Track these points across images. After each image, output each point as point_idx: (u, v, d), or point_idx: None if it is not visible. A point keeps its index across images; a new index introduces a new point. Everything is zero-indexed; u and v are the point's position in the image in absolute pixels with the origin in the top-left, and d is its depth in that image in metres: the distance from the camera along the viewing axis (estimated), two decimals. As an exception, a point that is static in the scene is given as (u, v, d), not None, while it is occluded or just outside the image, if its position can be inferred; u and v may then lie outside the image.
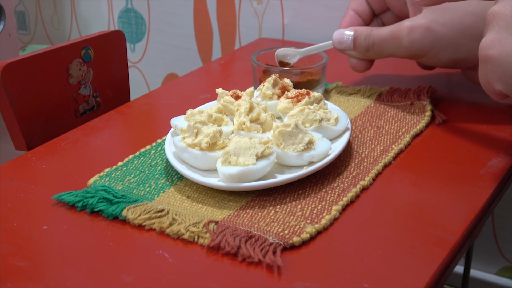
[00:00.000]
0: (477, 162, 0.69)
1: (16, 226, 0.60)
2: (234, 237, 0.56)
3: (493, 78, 0.58)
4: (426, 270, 0.52)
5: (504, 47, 0.56)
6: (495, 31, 0.57)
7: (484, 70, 0.59)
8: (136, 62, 1.55)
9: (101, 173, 0.69)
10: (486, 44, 0.58)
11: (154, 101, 0.93)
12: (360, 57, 0.82)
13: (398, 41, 0.77)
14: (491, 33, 0.58)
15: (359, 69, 0.84)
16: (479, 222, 0.61)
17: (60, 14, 1.65)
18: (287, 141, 0.66)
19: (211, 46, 1.42)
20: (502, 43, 0.56)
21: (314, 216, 0.60)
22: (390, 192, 0.64)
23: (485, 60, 0.58)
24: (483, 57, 0.58)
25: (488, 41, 0.57)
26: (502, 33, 0.57)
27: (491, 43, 0.57)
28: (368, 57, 0.81)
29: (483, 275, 1.26)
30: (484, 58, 0.58)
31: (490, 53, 0.57)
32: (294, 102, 0.74)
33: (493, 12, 0.58)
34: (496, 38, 0.57)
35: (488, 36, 0.58)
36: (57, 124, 0.90)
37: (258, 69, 0.87)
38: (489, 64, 0.58)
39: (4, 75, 0.82)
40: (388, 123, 0.78)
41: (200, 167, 0.66)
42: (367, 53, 0.80)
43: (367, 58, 0.82)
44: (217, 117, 0.71)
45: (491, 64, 0.57)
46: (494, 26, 0.58)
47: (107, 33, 0.98)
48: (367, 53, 0.80)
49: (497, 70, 0.57)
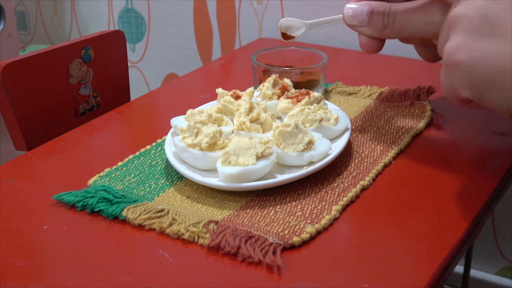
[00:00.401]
0: (477, 162, 0.69)
1: (16, 226, 0.60)
2: (234, 237, 0.56)
3: (460, 84, 0.54)
4: (426, 270, 0.52)
5: (472, 52, 0.53)
6: (461, 35, 0.54)
7: (450, 76, 0.55)
8: (136, 62, 1.55)
9: (101, 173, 0.69)
10: (452, 49, 0.54)
11: (154, 101, 0.93)
12: (373, 35, 0.71)
13: (429, 14, 0.65)
14: (456, 37, 0.54)
15: (369, 49, 0.73)
16: (479, 222, 0.61)
17: (60, 14, 1.65)
18: (287, 141, 0.66)
19: (211, 46, 1.42)
20: (469, 48, 0.53)
21: (314, 216, 0.60)
22: (390, 192, 0.64)
23: (452, 66, 0.55)
24: (449, 63, 0.55)
25: (454, 46, 0.54)
26: (468, 37, 0.53)
27: (457, 48, 0.54)
28: (383, 35, 0.71)
29: (483, 275, 1.26)
30: (450, 64, 0.55)
31: (457, 58, 0.54)
32: (294, 102, 0.74)
33: (456, 15, 0.55)
34: (463, 42, 0.53)
35: (453, 41, 0.54)
36: (57, 124, 0.90)
37: (258, 69, 0.87)
38: (456, 70, 0.54)
39: (4, 75, 0.82)
40: (388, 123, 0.78)
41: (200, 167, 0.66)
42: (383, 30, 0.70)
43: (382, 37, 0.72)
44: (217, 117, 0.71)
45: (459, 70, 0.54)
46: (458, 30, 0.54)
47: (107, 33, 0.98)
48: (383, 30, 0.70)
49: (465, 76, 0.54)
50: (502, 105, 0.53)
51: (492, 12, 0.52)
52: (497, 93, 0.52)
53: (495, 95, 0.52)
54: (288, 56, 0.93)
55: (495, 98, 0.52)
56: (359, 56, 1.05)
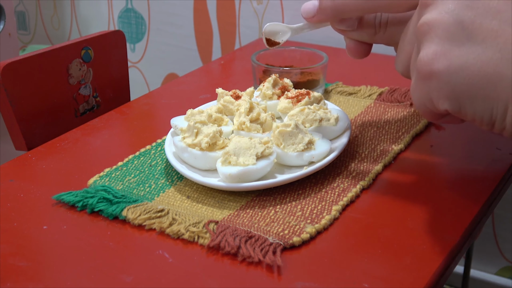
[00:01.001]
0: (477, 162, 0.69)
1: (16, 226, 0.60)
2: (234, 237, 0.56)
3: (439, 96, 0.50)
4: (426, 270, 0.52)
5: (451, 60, 0.49)
6: (436, 43, 0.50)
7: (426, 88, 0.51)
8: (136, 62, 1.55)
9: (101, 173, 0.69)
10: (428, 58, 0.50)
11: (154, 101, 0.93)
12: (362, 39, 0.68)
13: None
14: (431, 46, 0.50)
15: (357, 54, 0.69)
16: (479, 222, 0.61)
17: (60, 14, 1.65)
18: (287, 141, 0.66)
19: (211, 46, 1.42)
20: (447, 56, 0.49)
21: (314, 216, 0.60)
22: (390, 192, 0.64)
23: (429, 77, 0.50)
24: (426, 73, 0.50)
25: (430, 55, 0.50)
26: (444, 45, 0.49)
27: (434, 56, 0.50)
28: (374, 40, 0.68)
29: (483, 275, 1.26)
30: (427, 75, 0.50)
31: (435, 68, 0.49)
32: (294, 102, 0.74)
33: (427, 22, 0.51)
34: (439, 51, 0.49)
35: (428, 49, 0.50)
36: (57, 124, 0.90)
37: (258, 69, 0.87)
38: (434, 80, 0.50)
39: (4, 75, 0.82)
40: (388, 123, 0.78)
41: (200, 167, 0.66)
42: (374, 35, 0.67)
43: (372, 42, 0.68)
44: (217, 117, 0.71)
45: (438, 80, 0.50)
46: (432, 38, 0.50)
47: (107, 33, 0.98)
48: (374, 35, 0.67)
49: (444, 87, 0.49)
50: (485, 116, 0.49)
51: (468, 17, 0.49)
52: (480, 103, 0.49)
53: (478, 105, 0.49)
54: (288, 56, 0.93)
55: (478, 108, 0.49)
56: (359, 56, 1.05)
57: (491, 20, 0.48)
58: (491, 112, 0.49)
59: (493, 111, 0.49)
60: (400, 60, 0.59)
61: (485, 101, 0.48)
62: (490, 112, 0.49)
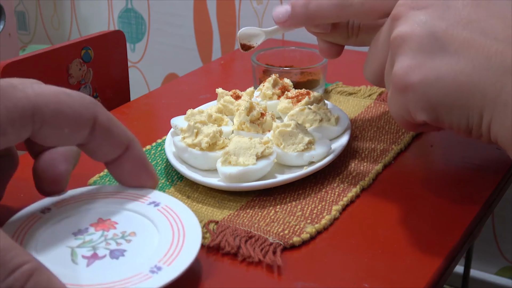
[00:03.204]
0: (477, 162, 0.69)
1: (16, 226, 0.60)
2: (234, 237, 0.56)
3: (416, 108, 0.51)
4: (426, 270, 0.52)
5: (426, 72, 0.49)
6: (409, 56, 0.50)
7: (402, 100, 0.52)
8: (136, 62, 1.55)
9: (101, 173, 0.69)
10: (403, 72, 0.50)
11: (154, 101, 0.93)
12: (336, 42, 0.69)
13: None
14: (405, 59, 0.51)
15: (329, 55, 0.70)
16: (479, 222, 0.61)
17: (60, 14, 1.65)
18: (287, 141, 0.66)
19: (211, 46, 1.42)
20: (422, 69, 0.50)
21: (314, 216, 0.60)
22: (390, 192, 0.64)
23: (404, 89, 0.51)
24: (401, 86, 0.51)
25: (405, 68, 0.50)
26: (418, 57, 0.50)
27: (409, 69, 0.50)
28: (347, 43, 0.69)
29: (483, 275, 1.26)
30: (403, 87, 0.51)
31: (410, 81, 0.50)
32: (294, 102, 0.74)
33: (400, 35, 0.51)
34: (414, 63, 0.50)
35: (403, 63, 0.51)
36: (57, 124, 0.90)
37: (258, 69, 0.87)
38: (410, 93, 0.51)
39: (4, 75, 0.82)
40: (388, 123, 0.78)
41: (200, 167, 0.66)
42: (347, 39, 0.68)
43: (345, 44, 0.69)
44: (217, 117, 0.71)
45: (414, 93, 0.50)
46: (406, 51, 0.51)
47: (107, 33, 0.98)
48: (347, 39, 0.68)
49: (421, 99, 0.50)
50: (462, 124, 0.50)
51: (440, 28, 0.49)
52: (456, 112, 0.50)
53: (455, 114, 0.50)
54: (288, 56, 0.93)
55: (454, 117, 0.50)
56: (359, 56, 1.05)
57: (463, 30, 0.49)
58: (467, 121, 0.50)
59: (469, 119, 0.50)
60: (370, 69, 0.59)
61: (460, 110, 0.49)
62: (466, 120, 0.50)
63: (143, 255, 0.50)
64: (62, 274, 0.47)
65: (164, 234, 0.52)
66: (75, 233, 0.52)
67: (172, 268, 0.48)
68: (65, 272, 0.47)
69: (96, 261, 0.49)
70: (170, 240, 0.51)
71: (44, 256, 0.50)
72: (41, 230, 0.52)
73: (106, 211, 0.55)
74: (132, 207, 0.55)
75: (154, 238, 0.52)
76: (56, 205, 0.56)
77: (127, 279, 0.47)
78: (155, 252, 0.50)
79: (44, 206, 0.55)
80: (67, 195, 0.57)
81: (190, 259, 0.49)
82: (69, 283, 0.46)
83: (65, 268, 0.48)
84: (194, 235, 0.52)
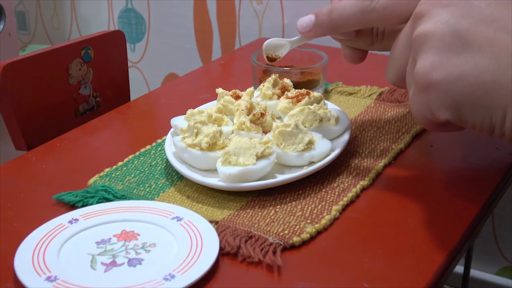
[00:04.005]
0: (477, 162, 0.69)
1: (16, 226, 0.60)
2: (234, 237, 0.56)
3: (439, 106, 0.50)
4: (426, 270, 0.52)
5: (449, 70, 0.49)
6: (432, 53, 0.50)
7: (425, 99, 0.51)
8: (136, 62, 1.55)
9: (101, 173, 0.69)
10: (426, 69, 0.50)
11: (154, 101, 0.93)
12: (359, 47, 0.69)
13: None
14: (428, 56, 0.50)
15: (353, 60, 0.71)
16: (479, 222, 0.61)
17: (60, 14, 1.65)
18: (287, 141, 0.66)
19: (211, 46, 1.42)
20: (445, 67, 0.49)
21: (314, 216, 0.60)
22: (390, 192, 0.64)
23: (427, 88, 0.50)
24: (424, 84, 0.50)
25: (428, 66, 0.50)
26: (442, 56, 0.49)
27: (432, 67, 0.50)
28: (371, 49, 0.69)
29: (483, 275, 1.26)
30: (426, 86, 0.50)
31: (433, 79, 0.50)
32: (294, 102, 0.74)
33: (423, 33, 0.51)
34: (437, 61, 0.50)
35: (426, 60, 0.50)
36: (57, 124, 0.90)
37: (258, 69, 0.87)
38: (433, 91, 0.50)
39: (4, 75, 0.82)
40: (388, 123, 0.78)
41: (200, 167, 0.66)
42: (371, 46, 0.68)
43: (369, 49, 0.70)
44: (217, 117, 0.71)
45: (437, 91, 0.50)
46: (429, 49, 0.50)
47: (107, 33, 0.98)
48: (371, 46, 0.68)
49: (444, 97, 0.50)
50: (485, 123, 0.50)
51: (463, 26, 0.49)
52: (479, 111, 0.49)
53: (478, 113, 0.49)
54: (288, 56, 0.93)
55: (477, 116, 0.50)
56: (359, 56, 1.05)
57: (486, 28, 0.49)
58: (490, 119, 0.49)
59: (492, 118, 0.49)
60: (392, 70, 0.59)
61: (484, 109, 0.49)
62: (489, 119, 0.49)
63: (160, 264, 0.52)
64: (79, 278, 0.50)
65: (183, 246, 0.54)
66: (98, 242, 0.56)
67: (185, 277, 0.50)
68: (82, 276, 0.51)
69: (114, 268, 0.52)
70: (187, 251, 0.54)
71: (65, 261, 0.53)
72: (66, 238, 0.56)
73: (130, 223, 0.58)
74: (155, 221, 0.58)
75: (173, 249, 0.54)
76: (83, 216, 0.59)
77: (140, 285, 0.50)
78: (171, 262, 0.52)
79: (72, 217, 0.59)
80: (95, 208, 0.61)
81: (204, 269, 0.51)
82: (85, 286, 0.50)
83: (83, 273, 0.52)
84: (211, 248, 0.54)
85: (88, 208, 0.60)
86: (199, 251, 0.54)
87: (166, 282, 0.50)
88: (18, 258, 0.53)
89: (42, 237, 0.56)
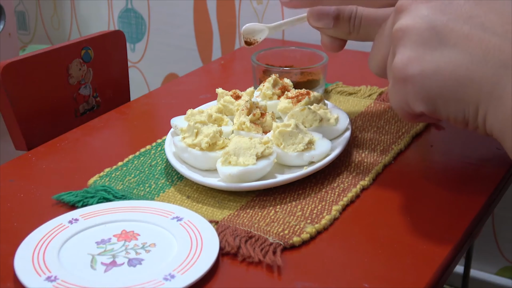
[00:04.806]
0: (477, 162, 0.69)
1: (16, 226, 0.60)
2: (234, 237, 0.56)
3: (415, 99, 0.52)
4: (426, 270, 0.52)
5: (425, 64, 0.50)
6: (410, 48, 0.51)
7: (402, 91, 0.53)
8: (136, 62, 1.55)
9: (101, 173, 0.69)
10: (403, 63, 0.52)
11: (154, 101, 0.93)
12: (338, 36, 0.70)
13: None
14: (405, 51, 0.52)
15: (332, 48, 0.71)
16: (479, 222, 0.61)
17: (60, 14, 1.65)
18: (287, 141, 0.66)
19: (211, 46, 1.42)
20: (421, 61, 0.51)
21: (314, 216, 0.60)
22: (390, 192, 0.64)
23: (404, 81, 0.52)
24: (401, 78, 0.52)
25: (405, 60, 0.51)
26: (418, 50, 0.51)
27: (408, 61, 0.51)
28: (349, 38, 0.70)
29: (483, 275, 1.26)
30: (403, 79, 0.52)
31: (410, 72, 0.51)
32: (294, 102, 0.74)
33: (402, 28, 0.52)
34: (413, 56, 0.51)
35: (402, 55, 0.52)
36: (57, 124, 0.90)
37: (258, 69, 0.87)
38: (409, 84, 0.52)
39: (4, 75, 0.82)
40: (388, 123, 0.78)
41: (200, 167, 0.66)
42: (349, 35, 0.69)
43: (347, 39, 0.70)
44: (217, 117, 0.71)
45: (413, 85, 0.51)
46: (406, 43, 0.52)
47: (107, 33, 0.98)
48: (349, 35, 0.69)
49: (419, 90, 0.51)
50: (459, 116, 0.51)
51: (440, 22, 0.50)
52: (453, 105, 0.51)
53: (452, 107, 0.51)
54: (288, 56, 0.93)
55: (451, 110, 0.51)
56: (359, 56, 1.05)
57: (463, 24, 0.50)
58: (464, 113, 0.51)
59: (465, 112, 0.51)
60: (374, 61, 0.60)
61: (457, 103, 0.51)
62: (462, 112, 0.51)
63: (160, 264, 0.52)
64: (79, 278, 0.51)
65: (183, 246, 0.54)
66: (98, 242, 0.56)
67: (185, 277, 0.51)
68: (82, 276, 0.51)
69: (114, 268, 0.52)
70: (187, 251, 0.54)
71: (65, 261, 0.53)
72: (66, 238, 0.56)
73: (130, 223, 0.58)
74: (155, 221, 0.58)
75: (173, 250, 0.54)
76: (83, 216, 0.59)
77: (140, 285, 0.50)
78: (171, 262, 0.52)
79: (72, 217, 0.59)
80: (95, 208, 0.61)
81: (204, 269, 0.52)
82: (85, 286, 0.50)
83: (83, 273, 0.52)
84: (212, 248, 0.54)
85: (88, 208, 0.60)
86: (199, 251, 0.54)
87: (166, 282, 0.50)
88: (18, 258, 0.53)
89: (42, 237, 0.56)
